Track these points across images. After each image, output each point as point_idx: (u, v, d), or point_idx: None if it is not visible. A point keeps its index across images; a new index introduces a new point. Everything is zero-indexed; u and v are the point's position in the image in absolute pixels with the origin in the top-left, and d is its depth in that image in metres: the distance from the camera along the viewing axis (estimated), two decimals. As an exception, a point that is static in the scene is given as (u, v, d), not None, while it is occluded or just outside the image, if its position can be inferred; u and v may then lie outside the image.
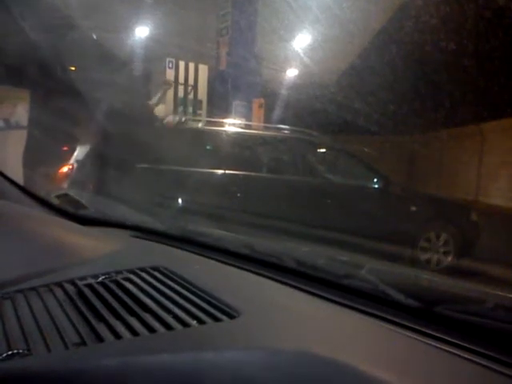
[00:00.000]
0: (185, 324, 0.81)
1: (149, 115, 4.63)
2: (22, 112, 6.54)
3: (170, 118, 7.38)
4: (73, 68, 7.49)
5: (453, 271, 4.53)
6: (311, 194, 4.96)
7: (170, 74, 8.77)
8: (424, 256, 4.84)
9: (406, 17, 5.13)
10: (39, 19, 6.05)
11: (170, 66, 8.77)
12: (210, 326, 0.81)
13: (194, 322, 0.82)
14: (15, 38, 5.84)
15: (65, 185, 5.52)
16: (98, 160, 5.01)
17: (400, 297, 0.96)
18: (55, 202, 1.84)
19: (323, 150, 5.94)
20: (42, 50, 6.13)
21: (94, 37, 7.34)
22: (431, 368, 0.74)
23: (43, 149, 6.16)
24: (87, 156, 5.31)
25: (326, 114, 5.83)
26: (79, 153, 5.91)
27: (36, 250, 1.21)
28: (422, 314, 0.90)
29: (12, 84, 6.55)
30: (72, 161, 6.10)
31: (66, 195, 1.96)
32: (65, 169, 6.21)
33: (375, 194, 5.30)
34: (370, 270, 1.18)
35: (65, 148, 6.85)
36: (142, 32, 8.99)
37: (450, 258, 4.89)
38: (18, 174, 5.10)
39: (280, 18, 6.48)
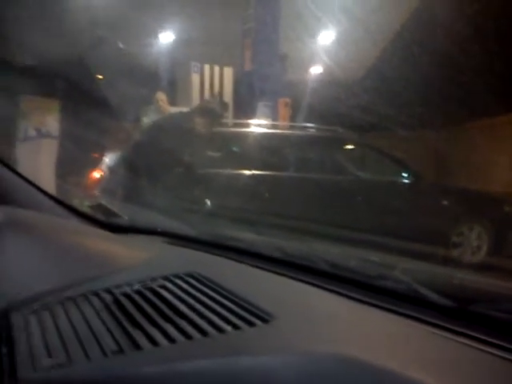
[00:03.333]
0: (220, 330, 0.81)
1: (177, 121, 4.65)
2: (52, 122, 6.67)
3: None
4: (101, 77, 7.62)
5: (487, 266, 4.45)
6: (341, 192, 4.93)
7: (195, 78, 8.82)
8: (457, 251, 4.76)
9: (428, 15, 5.07)
10: (68, 32, 6.17)
11: (196, 70, 8.83)
12: (244, 331, 0.81)
13: (229, 328, 0.82)
14: (44, 50, 5.97)
15: (97, 192, 5.61)
16: (129, 166, 5.08)
17: (434, 296, 0.95)
18: (88, 211, 1.87)
19: (351, 147, 5.90)
20: (71, 61, 6.25)
21: (121, 46, 7.44)
22: (469, 368, 0.73)
23: (74, 157, 6.27)
24: (118, 163, 5.38)
25: (351, 112, 5.79)
26: (110, 160, 5.99)
27: (72, 259, 1.24)
28: (457, 313, 0.89)
29: (43, 95, 6.68)
30: (103, 168, 6.20)
31: (98, 204, 1.99)
32: (96, 176, 6.30)
33: (406, 189, 5.25)
34: (403, 270, 1.18)
35: (95, 156, 6.96)
36: (166, 38, 9.09)
37: (483, 253, 4.81)
38: (50, 184, 5.21)
39: (303, 18, 6.48)
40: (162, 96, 5.74)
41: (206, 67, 8.80)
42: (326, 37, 7.84)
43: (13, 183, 1.68)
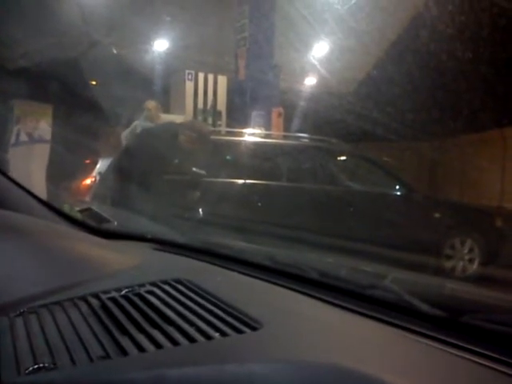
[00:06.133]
0: (208, 336, 0.81)
1: (169, 128, 4.65)
2: (45, 127, 6.65)
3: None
4: (94, 83, 7.62)
5: (478, 279, 4.47)
6: (332, 202, 4.93)
7: (189, 86, 8.84)
8: (449, 264, 4.78)
9: (421, 26, 5.12)
10: (62, 36, 6.16)
11: (190, 77, 8.85)
12: (232, 338, 0.81)
13: (217, 335, 0.82)
14: (38, 54, 5.96)
15: (88, 197, 5.59)
16: (120, 172, 5.07)
17: (425, 307, 0.95)
18: (78, 216, 1.86)
19: (343, 158, 5.92)
20: (64, 66, 6.24)
21: (115, 52, 7.45)
22: (459, 379, 0.73)
23: (66, 163, 6.25)
24: (109, 169, 5.37)
25: (345, 123, 5.83)
26: (101, 166, 5.98)
27: (60, 264, 1.23)
28: (447, 323, 0.89)
29: (36, 99, 6.67)
30: (94, 173, 6.19)
31: (88, 209, 1.98)
32: (87, 181, 6.29)
33: (398, 201, 5.26)
34: (393, 280, 1.17)
35: (87, 161, 6.95)
36: (161, 46, 9.12)
37: (475, 266, 4.83)
38: (41, 189, 5.18)
39: (297, 28, 6.52)
40: (151, 104, 5.73)
41: (200, 75, 8.83)
42: (321, 47, 7.90)
43: (3, 187, 1.67)
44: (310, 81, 8.66)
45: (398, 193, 5.27)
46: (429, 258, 4.23)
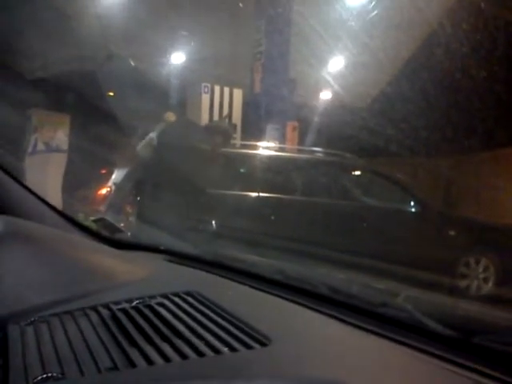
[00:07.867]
0: (216, 351, 0.80)
1: (184, 139, 4.67)
2: (62, 136, 6.72)
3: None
4: (111, 94, 7.70)
5: (493, 298, 4.40)
6: (346, 217, 4.91)
7: (205, 99, 8.89)
8: (463, 283, 4.72)
9: (435, 44, 5.12)
10: (80, 49, 6.25)
11: (206, 90, 8.90)
12: (241, 353, 0.80)
13: (226, 349, 0.81)
14: (57, 66, 6.05)
15: (103, 207, 5.62)
16: (135, 183, 5.09)
17: (437, 326, 0.93)
18: (92, 226, 1.87)
19: (357, 173, 5.90)
20: (82, 77, 6.32)
21: (132, 64, 7.53)
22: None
23: (82, 172, 6.30)
24: (124, 179, 5.40)
25: (359, 138, 5.82)
26: (116, 176, 6.02)
27: (72, 273, 1.23)
28: (460, 344, 0.87)
29: (53, 109, 6.75)
30: (110, 183, 6.23)
31: (102, 219, 1.99)
32: (103, 191, 6.33)
33: (412, 217, 5.22)
34: (406, 299, 1.16)
35: (103, 171, 6.99)
36: (178, 59, 9.21)
37: (490, 285, 4.76)
38: (57, 198, 5.23)
39: (312, 44, 6.54)
40: (171, 116, 5.78)
41: (216, 88, 8.88)
42: (335, 62, 7.92)
43: (17, 195, 1.68)
44: (325, 95, 8.67)
45: (413, 209, 5.23)
46: (443, 277, 4.18)
